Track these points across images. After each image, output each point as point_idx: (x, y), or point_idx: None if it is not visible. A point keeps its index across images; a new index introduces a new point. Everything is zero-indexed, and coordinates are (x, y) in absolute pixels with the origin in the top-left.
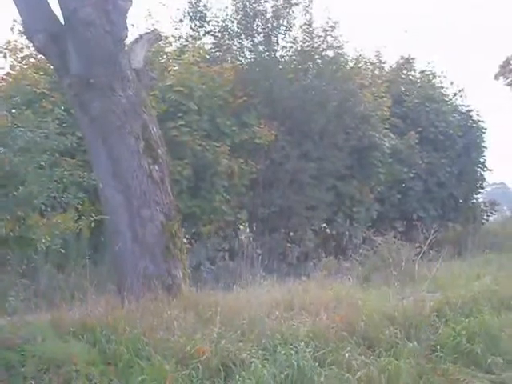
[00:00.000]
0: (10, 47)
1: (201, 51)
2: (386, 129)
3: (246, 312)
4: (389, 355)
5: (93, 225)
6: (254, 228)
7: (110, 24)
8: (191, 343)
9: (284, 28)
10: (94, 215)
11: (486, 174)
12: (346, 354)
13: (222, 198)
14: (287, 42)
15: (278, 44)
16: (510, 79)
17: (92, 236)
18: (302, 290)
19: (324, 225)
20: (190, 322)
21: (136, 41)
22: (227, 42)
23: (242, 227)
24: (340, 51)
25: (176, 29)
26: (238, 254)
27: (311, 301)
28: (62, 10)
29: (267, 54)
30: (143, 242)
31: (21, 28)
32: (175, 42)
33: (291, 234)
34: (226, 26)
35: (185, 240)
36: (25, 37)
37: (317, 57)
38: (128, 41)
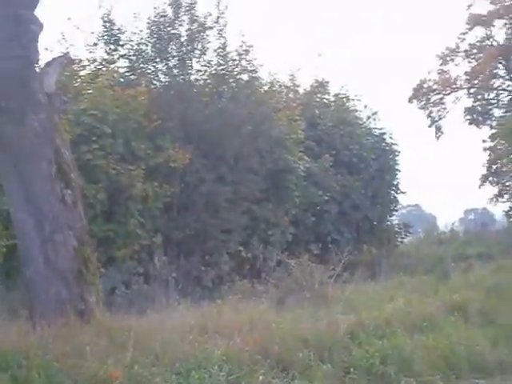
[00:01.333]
0: None
1: (115, 75)
2: (301, 152)
3: (160, 336)
4: (303, 378)
5: (4, 250)
6: (170, 251)
7: (21, 48)
8: (104, 368)
9: (198, 52)
10: (6, 240)
11: (400, 197)
12: (260, 377)
13: (136, 222)
14: (202, 66)
15: (192, 67)
16: (423, 102)
17: (5, 261)
18: (216, 313)
19: (240, 248)
20: (103, 346)
21: (48, 64)
22: (141, 65)
23: (156, 251)
24: (254, 75)
25: (90, 52)
26: (153, 277)
27: (225, 324)
28: None
29: (182, 77)
30: (56, 267)
31: None
32: (89, 65)
33: (207, 257)
34: (141, 49)
35: (99, 264)
36: None
37: (231, 80)
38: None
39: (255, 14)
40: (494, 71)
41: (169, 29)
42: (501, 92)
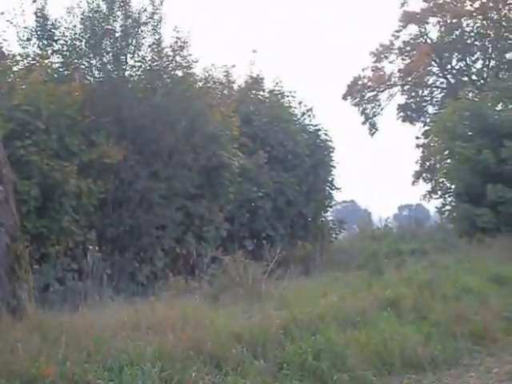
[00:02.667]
0: None
1: (48, 70)
2: (236, 148)
3: (92, 333)
4: (236, 374)
5: None
6: (104, 248)
7: None
8: (36, 366)
9: (133, 47)
10: None
11: (335, 193)
12: (193, 374)
13: (70, 218)
14: (136, 62)
15: (126, 63)
16: (357, 99)
17: None
18: (150, 309)
19: (174, 244)
20: (35, 344)
21: None
22: (75, 60)
23: (90, 247)
24: (189, 71)
25: (23, 47)
26: (87, 274)
27: (158, 320)
28: None
29: (116, 73)
30: None
31: None
32: (22, 60)
33: (141, 253)
34: (75, 44)
35: (33, 261)
36: None
37: (166, 76)
38: None
39: (191, 10)
40: (428, 68)
41: (103, 24)
42: (434, 89)
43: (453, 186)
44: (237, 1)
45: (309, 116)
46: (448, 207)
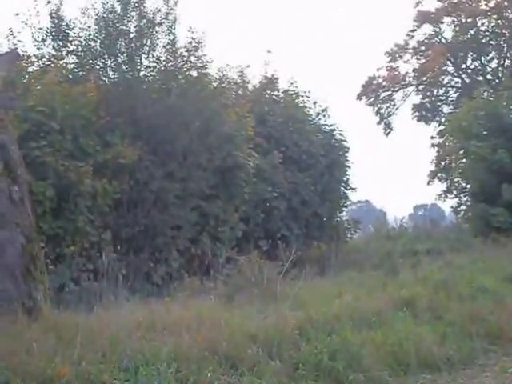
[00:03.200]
0: None
1: (63, 71)
2: (250, 148)
3: (108, 333)
4: (251, 374)
5: None
6: (119, 248)
7: None
8: (51, 366)
9: (147, 48)
10: None
11: (350, 193)
12: (209, 374)
13: (85, 219)
14: (151, 62)
15: (141, 64)
16: (372, 99)
17: None
18: (165, 310)
19: (189, 245)
20: (51, 344)
21: None
22: (90, 61)
23: (106, 247)
24: (204, 71)
25: (38, 48)
26: (102, 274)
27: (174, 321)
28: None
29: (131, 73)
30: (3, 264)
31: None
32: (37, 61)
33: (156, 254)
34: (89, 45)
35: (48, 261)
36: None
37: (180, 77)
38: None
39: (205, 10)
40: (443, 68)
41: (117, 25)
42: (449, 88)
43: (468, 186)
44: (250, 1)
45: (323, 116)
46: (463, 207)
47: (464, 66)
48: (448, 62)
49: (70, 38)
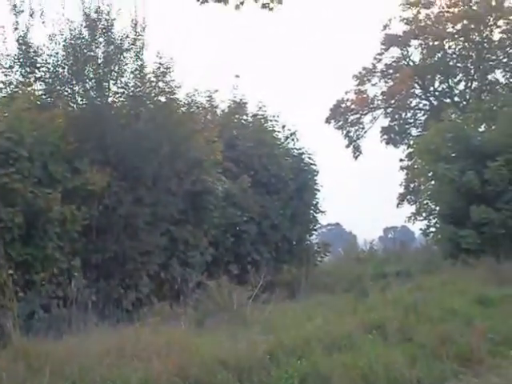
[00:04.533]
0: None
1: (32, 97)
2: (219, 173)
3: (77, 360)
4: None
5: None
6: (89, 274)
7: None
8: None
9: (115, 74)
10: None
11: (320, 216)
12: None
13: (54, 245)
14: (119, 88)
15: (109, 89)
16: (340, 122)
17: None
18: (135, 336)
19: (159, 270)
20: (20, 372)
21: None
22: (58, 87)
23: (75, 274)
24: (172, 96)
25: (6, 75)
26: (72, 301)
27: (144, 347)
28: None
29: (99, 99)
30: None
31: None
32: (5, 88)
33: (126, 279)
34: (57, 71)
35: (17, 288)
36: None
37: (149, 102)
38: None
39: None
40: (411, 91)
41: (85, 51)
42: (417, 111)
43: (437, 208)
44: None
45: (292, 140)
46: (432, 229)
47: (432, 88)
48: (416, 85)
49: (38, 65)
